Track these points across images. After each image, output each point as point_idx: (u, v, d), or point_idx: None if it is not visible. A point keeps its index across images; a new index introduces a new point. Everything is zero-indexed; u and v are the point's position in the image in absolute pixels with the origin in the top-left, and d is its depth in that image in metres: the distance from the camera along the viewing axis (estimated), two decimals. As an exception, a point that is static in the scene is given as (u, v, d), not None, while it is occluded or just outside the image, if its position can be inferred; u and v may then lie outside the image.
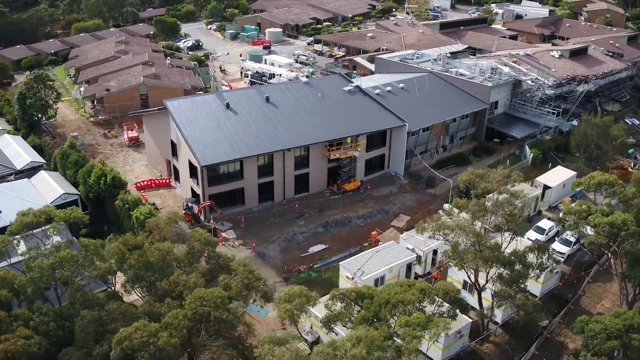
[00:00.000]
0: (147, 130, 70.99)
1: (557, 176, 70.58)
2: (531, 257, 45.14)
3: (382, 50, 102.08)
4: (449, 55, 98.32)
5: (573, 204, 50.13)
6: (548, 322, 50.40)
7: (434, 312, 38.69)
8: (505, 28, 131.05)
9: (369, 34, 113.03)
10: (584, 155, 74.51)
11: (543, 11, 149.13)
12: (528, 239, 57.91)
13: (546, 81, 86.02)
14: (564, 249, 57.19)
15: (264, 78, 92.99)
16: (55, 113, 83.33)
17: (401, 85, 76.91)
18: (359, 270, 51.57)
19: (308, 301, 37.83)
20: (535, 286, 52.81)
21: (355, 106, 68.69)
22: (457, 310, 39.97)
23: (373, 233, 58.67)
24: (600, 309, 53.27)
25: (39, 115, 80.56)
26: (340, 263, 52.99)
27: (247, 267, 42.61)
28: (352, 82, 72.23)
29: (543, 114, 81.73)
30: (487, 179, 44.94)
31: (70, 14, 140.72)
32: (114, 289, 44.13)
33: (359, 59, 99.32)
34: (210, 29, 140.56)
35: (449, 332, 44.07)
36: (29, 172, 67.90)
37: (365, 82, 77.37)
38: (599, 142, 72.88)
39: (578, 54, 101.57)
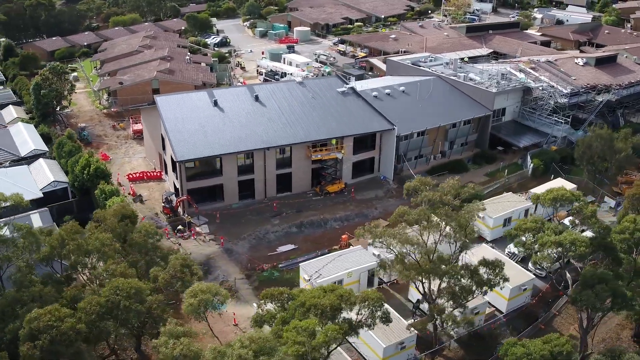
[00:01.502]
0: (145, 124, 72.98)
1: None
2: (482, 272, 43.73)
3: (401, 52, 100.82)
4: (466, 59, 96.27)
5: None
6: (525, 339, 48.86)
7: (357, 320, 38.09)
8: (539, 33, 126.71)
9: (392, 36, 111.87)
10: (587, 168, 71.37)
11: (586, 17, 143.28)
12: (507, 253, 56.22)
13: (563, 89, 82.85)
14: (543, 266, 55.05)
15: (276, 77, 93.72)
16: (69, 104, 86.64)
17: (402, 88, 75.88)
18: (316, 272, 51.50)
19: (223, 298, 37.96)
20: (501, 302, 51.32)
21: (345, 108, 68.29)
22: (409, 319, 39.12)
23: (343, 236, 58.30)
24: (573, 331, 51.05)
25: (54, 106, 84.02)
26: (300, 264, 53.04)
27: (183, 260, 43.21)
28: (346, 84, 71.74)
29: (551, 123, 78.71)
30: (442, 188, 43.77)
31: (112, 8, 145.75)
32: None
33: (374, 61, 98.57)
34: (245, 26, 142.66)
35: (388, 343, 43.86)
36: (31, 159, 71.04)
37: (366, 84, 76.81)
38: (603, 154, 69.71)
39: (605, 62, 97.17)
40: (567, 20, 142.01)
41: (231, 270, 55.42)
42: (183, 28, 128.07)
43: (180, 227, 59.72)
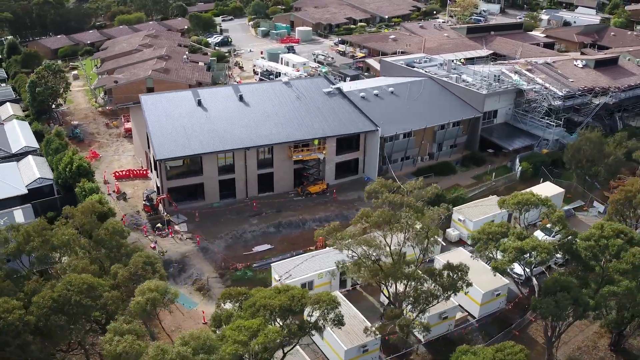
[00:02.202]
0: (133, 123, 73.67)
1: (541, 192, 66.92)
2: (446, 276, 43.34)
3: (398, 52, 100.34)
4: (462, 61, 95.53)
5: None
6: (482, 346, 48.33)
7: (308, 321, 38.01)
8: (543, 35, 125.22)
9: (392, 36, 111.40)
10: (576, 172, 70.41)
11: (594, 19, 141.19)
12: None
13: (558, 91, 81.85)
14: (521, 271, 54.34)
15: (271, 76, 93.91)
16: (64, 101, 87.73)
17: (390, 89, 75.55)
18: (286, 273, 51.54)
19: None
20: (474, 307, 50.84)
21: (330, 108, 68.18)
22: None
23: (320, 238, 58.09)
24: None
25: (50, 103, 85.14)
26: (271, 264, 53.16)
27: (147, 258, 43.44)
28: (332, 84, 71.64)
29: (543, 126, 77.77)
30: (402, 190, 43.50)
31: (119, 7, 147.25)
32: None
33: (370, 61, 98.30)
34: (250, 25, 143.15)
35: (350, 346, 43.66)
36: (22, 156, 72.04)
37: (355, 85, 76.64)
38: (592, 158, 68.72)
39: (605, 65, 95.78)
40: (575, 22, 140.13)
41: (205, 269, 55.68)
42: (186, 27, 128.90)
43: (159, 225, 60.10)
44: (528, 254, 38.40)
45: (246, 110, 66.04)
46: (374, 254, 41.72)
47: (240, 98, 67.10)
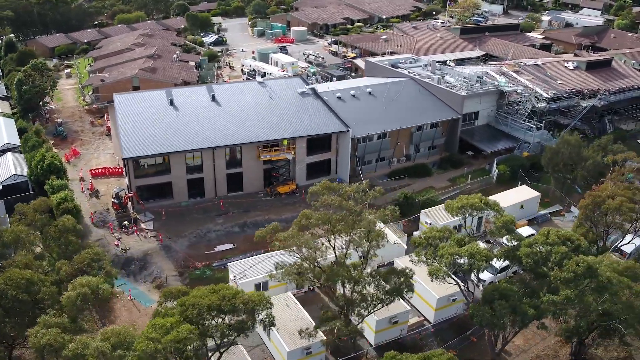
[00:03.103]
0: (111, 121, 74.27)
1: (515, 196, 66.36)
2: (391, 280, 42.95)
3: (387, 53, 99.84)
4: (450, 62, 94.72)
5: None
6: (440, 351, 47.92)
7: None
8: (541, 36, 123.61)
9: (383, 37, 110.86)
10: (554, 176, 69.40)
11: (597, 20, 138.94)
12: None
13: (543, 93, 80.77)
14: (486, 276, 53.68)
15: (257, 76, 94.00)
16: (52, 99, 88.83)
17: (368, 90, 75.20)
18: (241, 273, 51.61)
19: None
20: (429, 312, 50.40)
21: (302, 109, 68.08)
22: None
23: (279, 240, 57.98)
24: (508, 346, 49.60)
25: (37, 101, 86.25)
26: (228, 264, 53.28)
27: (95, 255, 43.84)
28: (307, 85, 71.51)
29: (522, 128, 76.77)
30: (344, 193, 43.21)
31: (120, 6, 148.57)
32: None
33: (358, 61, 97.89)
34: (249, 25, 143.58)
35: (293, 347, 43.51)
36: (2, 152, 73.12)
37: (334, 85, 76.46)
38: (571, 162, 67.64)
39: (598, 67, 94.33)
40: (577, 24, 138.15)
41: (166, 267, 56.02)
42: (183, 26, 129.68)
43: (125, 222, 60.57)
44: (464, 260, 37.75)
45: (217, 110, 66.24)
46: (318, 256, 41.46)
47: (213, 98, 67.32)
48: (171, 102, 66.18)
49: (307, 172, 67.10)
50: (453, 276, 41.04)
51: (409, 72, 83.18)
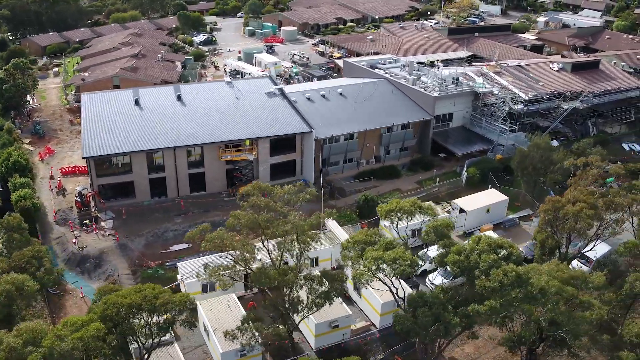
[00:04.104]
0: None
1: (481, 200, 65.58)
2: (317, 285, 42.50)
3: (370, 53, 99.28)
4: (428, 62, 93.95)
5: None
6: (382, 356, 47.71)
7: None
8: (534, 37, 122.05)
9: (369, 37, 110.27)
10: (523, 179, 68.46)
11: (595, 22, 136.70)
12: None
13: (522, 94, 79.72)
14: (439, 281, 53.04)
15: (238, 76, 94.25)
16: (33, 98, 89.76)
17: (339, 90, 74.85)
18: (188, 272, 51.62)
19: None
20: (375, 316, 50.00)
21: (267, 109, 67.97)
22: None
23: (237, 238, 57.92)
24: (457, 353, 49.18)
25: (18, 100, 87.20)
26: (177, 264, 53.36)
27: (36, 253, 44.23)
28: (275, 85, 71.38)
29: (496, 130, 75.81)
30: (274, 195, 43.01)
31: (116, 5, 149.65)
32: None
33: (339, 62, 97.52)
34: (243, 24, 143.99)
35: (227, 349, 43.38)
36: (-24, 150, 73.95)
37: (304, 86, 76.25)
38: (541, 165, 66.64)
39: (584, 68, 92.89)
40: (574, 24, 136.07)
41: (120, 266, 56.35)
42: (174, 26, 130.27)
43: (86, 221, 60.97)
44: (387, 265, 37.22)
45: (182, 109, 66.41)
46: (249, 258, 41.36)
47: (178, 98, 67.50)
48: (137, 102, 66.49)
49: (271, 172, 66.86)
50: (384, 281, 40.47)
51: (386, 73, 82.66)
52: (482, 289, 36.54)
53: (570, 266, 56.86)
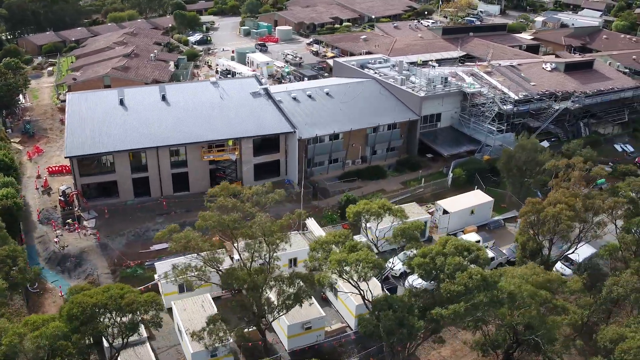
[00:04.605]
0: (70, 119, 74.93)
1: (466, 201, 65.26)
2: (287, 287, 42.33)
3: (362, 53, 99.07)
4: (421, 61, 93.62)
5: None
6: (357, 358, 47.57)
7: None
8: (530, 37, 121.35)
9: (363, 37, 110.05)
10: (509, 180, 68.07)
11: (594, 22, 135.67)
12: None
13: (512, 95, 79.29)
14: (417, 283, 52.77)
15: (228, 75, 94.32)
16: (24, 97, 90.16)
17: (326, 90, 74.71)
18: (164, 272, 51.57)
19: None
20: (350, 318, 49.86)
21: (251, 109, 67.94)
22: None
23: (215, 238, 57.95)
24: (434, 356, 48.93)
25: (9, 99, 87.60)
26: (156, 263, 53.40)
27: (10, 252, 44.30)
28: (260, 85, 71.33)
29: (483, 131, 75.41)
30: (243, 195, 43.00)
31: (113, 4, 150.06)
32: None
33: (330, 61, 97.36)
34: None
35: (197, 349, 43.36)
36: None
37: (292, 86, 76.17)
38: (527, 166, 66.23)
39: (577, 68, 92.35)
40: (573, 24, 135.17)
41: (100, 265, 56.51)
42: (170, 25, 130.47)
43: (69, 220, 61.17)
44: (350, 267, 37.03)
45: (166, 109, 66.48)
46: (216, 258, 41.36)
47: (163, 98, 67.54)
48: (121, 102, 66.58)
49: (255, 172, 66.79)
50: (352, 282, 40.24)
51: (375, 73, 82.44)
52: (447, 292, 36.27)
53: (554, 269, 56.88)
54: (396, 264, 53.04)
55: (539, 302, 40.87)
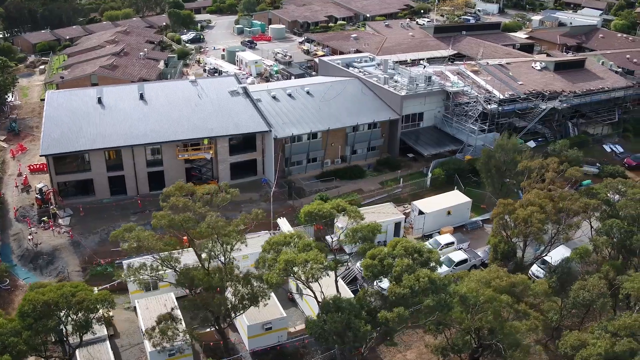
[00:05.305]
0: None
1: (442, 202, 64.78)
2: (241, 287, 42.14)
3: (351, 51, 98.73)
4: (410, 60, 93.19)
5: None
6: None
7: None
8: (525, 36, 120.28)
9: (353, 35, 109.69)
10: (487, 181, 67.46)
11: (593, 21, 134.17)
12: None
13: (498, 94, 78.60)
14: (385, 285, 52.42)
15: (215, 74, 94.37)
16: (12, 95, 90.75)
17: (307, 89, 74.49)
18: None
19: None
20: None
21: (228, 108, 67.89)
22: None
23: (184, 238, 57.97)
24: (399, 359, 48.57)
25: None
26: (123, 261, 53.43)
27: None
28: (240, 84, 71.26)
29: (466, 130, 74.80)
30: (196, 195, 42.94)
31: (110, 2, 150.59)
32: None
33: (317, 60, 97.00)
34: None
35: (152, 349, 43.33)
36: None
37: (273, 85, 76.04)
38: (502, 166, 65.65)
39: (568, 67, 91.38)
40: (571, 23, 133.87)
41: (71, 262, 56.83)
42: (164, 24, 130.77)
43: (44, 218, 61.50)
44: (298, 268, 36.80)
45: (143, 108, 66.59)
46: (171, 258, 41.35)
47: (141, 96, 67.64)
48: (99, 100, 66.75)
49: (232, 172, 66.80)
50: (301, 283, 39.92)
51: (360, 72, 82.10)
52: (393, 295, 35.94)
53: (529, 272, 56.35)
54: None
55: (499, 306, 40.42)
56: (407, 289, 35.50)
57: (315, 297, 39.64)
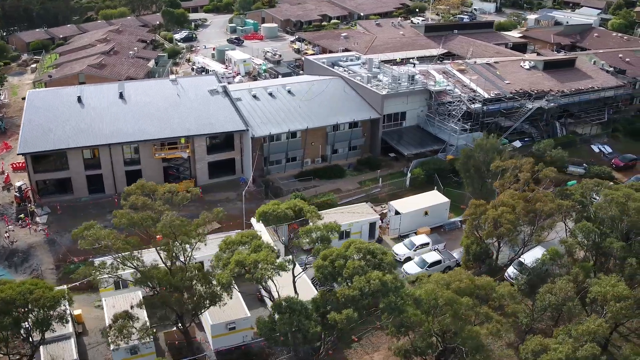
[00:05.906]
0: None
1: (420, 202, 64.56)
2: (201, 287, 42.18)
3: (339, 50, 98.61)
4: (399, 59, 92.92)
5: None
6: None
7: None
8: (519, 35, 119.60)
9: (343, 34, 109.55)
10: (466, 181, 67.11)
11: (590, 20, 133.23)
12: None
13: (484, 93, 78.20)
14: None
15: (203, 73, 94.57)
16: (2, 94, 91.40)
17: (288, 88, 74.49)
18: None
19: None
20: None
21: (207, 107, 68.02)
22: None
23: (158, 237, 58.13)
24: (368, 361, 48.56)
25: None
26: (94, 260, 53.65)
27: None
28: (220, 83, 71.37)
29: (448, 130, 74.49)
30: (157, 193, 43.09)
31: (106, 1, 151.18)
32: None
33: (304, 59, 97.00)
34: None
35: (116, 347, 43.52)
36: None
37: (255, 84, 76.09)
38: (481, 167, 65.26)
39: (557, 67, 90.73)
40: (567, 22, 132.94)
41: (46, 260, 57.22)
42: (158, 22, 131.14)
43: (22, 215, 61.92)
44: (248, 269, 36.81)
45: (122, 107, 66.87)
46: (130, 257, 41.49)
47: (120, 95, 67.91)
48: (79, 99, 67.08)
49: (210, 171, 66.96)
50: (261, 283, 39.95)
51: (345, 71, 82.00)
52: (342, 297, 35.85)
53: (505, 274, 55.99)
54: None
55: (459, 308, 40.15)
56: (357, 291, 35.36)
57: (271, 297, 39.65)
